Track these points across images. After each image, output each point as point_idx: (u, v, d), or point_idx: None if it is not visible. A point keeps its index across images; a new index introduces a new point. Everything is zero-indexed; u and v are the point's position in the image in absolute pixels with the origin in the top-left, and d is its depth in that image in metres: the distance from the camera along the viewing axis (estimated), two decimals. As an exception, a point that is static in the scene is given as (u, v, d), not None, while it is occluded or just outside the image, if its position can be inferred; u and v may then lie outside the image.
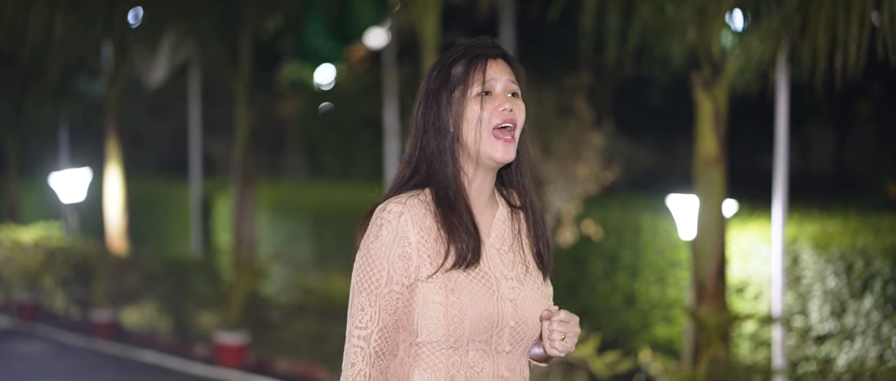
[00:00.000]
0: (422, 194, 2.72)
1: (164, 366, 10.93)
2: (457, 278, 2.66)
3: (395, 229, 2.68)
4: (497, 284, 2.70)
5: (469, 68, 2.73)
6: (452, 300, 2.65)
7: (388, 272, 2.68)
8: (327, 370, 9.99)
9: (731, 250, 8.37)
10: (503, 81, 2.74)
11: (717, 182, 7.69)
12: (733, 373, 7.29)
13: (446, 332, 2.66)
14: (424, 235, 2.68)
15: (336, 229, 12.76)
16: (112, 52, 13.57)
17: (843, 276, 7.67)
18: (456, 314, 2.65)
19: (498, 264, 2.73)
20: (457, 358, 2.69)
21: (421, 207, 2.70)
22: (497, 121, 2.70)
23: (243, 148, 12.23)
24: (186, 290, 11.99)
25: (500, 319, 2.69)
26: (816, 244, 7.89)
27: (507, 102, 2.72)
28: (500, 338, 2.71)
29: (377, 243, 2.70)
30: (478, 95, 2.72)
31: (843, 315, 7.68)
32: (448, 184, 2.71)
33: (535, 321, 2.75)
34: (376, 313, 2.69)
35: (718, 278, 7.73)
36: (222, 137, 17.28)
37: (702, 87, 7.64)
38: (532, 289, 2.76)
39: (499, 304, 2.69)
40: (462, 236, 2.68)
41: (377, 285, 2.69)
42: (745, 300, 8.50)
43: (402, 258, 2.67)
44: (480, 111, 2.70)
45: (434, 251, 2.67)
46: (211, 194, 14.74)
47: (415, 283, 2.68)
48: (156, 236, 15.88)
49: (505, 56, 2.78)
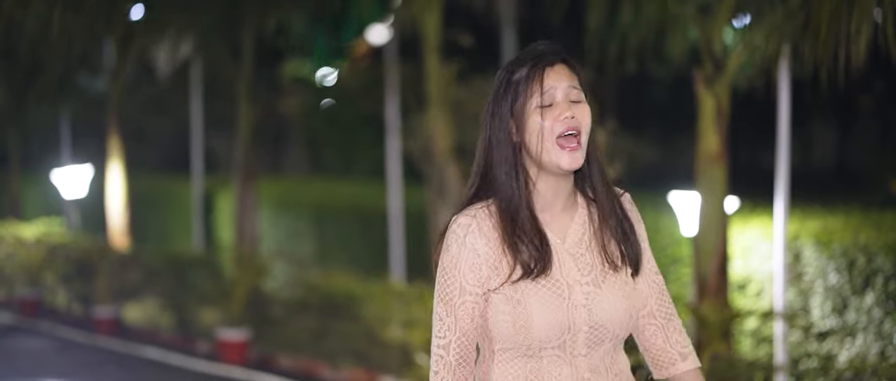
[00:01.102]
0: (490, 205, 2.75)
1: (166, 362, 10.94)
2: (523, 288, 2.69)
3: (463, 241, 2.73)
4: (569, 291, 2.71)
5: (528, 78, 2.72)
6: (519, 311, 2.68)
7: (460, 284, 2.73)
8: (329, 367, 9.99)
9: (732, 246, 8.37)
10: (563, 88, 2.72)
11: (719, 179, 7.69)
12: (735, 370, 7.29)
13: (516, 341, 2.70)
14: (492, 246, 2.71)
15: (337, 226, 12.77)
16: (113, 49, 13.57)
17: (845, 272, 7.67)
18: (523, 325, 2.68)
19: (572, 270, 2.73)
20: (533, 365, 2.72)
21: (489, 219, 2.73)
22: (560, 130, 2.69)
23: (245, 144, 12.23)
24: (188, 286, 11.99)
25: (571, 325, 2.69)
26: (818, 241, 7.89)
27: (568, 110, 2.70)
28: (575, 343, 2.71)
29: (448, 255, 2.75)
30: (538, 107, 2.71)
31: (844, 312, 7.68)
32: (512, 196, 2.73)
33: (616, 322, 2.73)
34: (453, 323, 2.74)
35: (720, 275, 7.73)
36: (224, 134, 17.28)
37: (704, 83, 7.64)
38: (611, 290, 2.74)
39: (570, 311, 2.69)
40: (527, 248, 2.70)
41: (451, 296, 2.74)
42: (746, 297, 8.50)
43: (472, 269, 2.72)
44: (542, 122, 2.70)
45: (501, 263, 2.70)
46: (213, 191, 14.74)
47: (487, 293, 2.72)
48: (158, 232, 15.89)
49: (565, 60, 2.76)
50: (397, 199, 10.80)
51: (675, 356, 2.88)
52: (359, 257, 12.28)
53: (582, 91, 2.76)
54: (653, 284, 2.86)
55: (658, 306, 2.87)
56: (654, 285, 2.86)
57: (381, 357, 9.41)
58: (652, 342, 2.87)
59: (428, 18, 9.77)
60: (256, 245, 12.36)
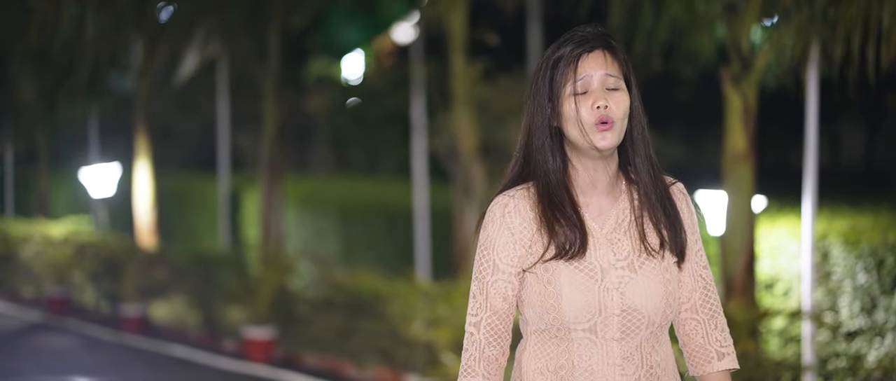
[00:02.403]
0: (529, 187, 2.77)
1: (193, 360, 10.97)
2: (555, 268, 2.70)
3: (500, 220, 2.75)
4: (602, 274, 2.71)
5: (564, 65, 2.73)
6: (549, 290, 2.70)
7: (494, 262, 2.75)
8: (354, 365, 10.00)
9: (760, 246, 8.33)
10: (599, 76, 2.72)
11: (746, 178, 7.65)
12: (762, 369, 7.25)
13: (546, 321, 2.72)
14: (527, 225, 2.73)
15: (363, 224, 12.78)
16: (142, 48, 13.62)
17: (874, 272, 7.62)
18: (553, 304, 2.69)
19: (607, 253, 2.73)
20: (564, 347, 2.73)
21: (527, 200, 2.75)
22: (592, 120, 2.70)
23: (271, 143, 12.25)
24: (215, 285, 12.03)
25: (602, 308, 2.69)
26: (846, 240, 7.85)
27: (601, 98, 2.70)
28: (608, 327, 2.70)
29: (484, 234, 2.78)
30: (572, 94, 2.71)
31: (873, 311, 7.63)
32: (549, 179, 2.74)
33: (650, 308, 2.72)
34: (484, 301, 2.77)
35: (747, 274, 7.69)
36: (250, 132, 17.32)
37: (731, 82, 7.60)
38: (648, 276, 2.72)
39: (600, 294, 2.69)
40: (563, 230, 2.71)
41: (484, 274, 2.77)
42: (774, 296, 8.46)
43: (506, 247, 2.74)
44: (576, 110, 2.70)
45: (536, 242, 2.72)
46: (239, 189, 14.78)
47: (522, 273, 2.75)
48: (184, 230, 15.94)
49: (606, 46, 2.75)
50: (423, 197, 10.80)
51: (712, 355, 2.86)
52: (384, 255, 12.28)
53: (622, 78, 2.75)
54: (699, 278, 2.84)
55: (702, 302, 2.85)
56: (700, 280, 2.84)
57: (406, 356, 9.41)
58: (691, 338, 2.86)
59: (454, 17, 9.76)
60: (282, 244, 12.38)
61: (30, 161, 18.18)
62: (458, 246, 9.93)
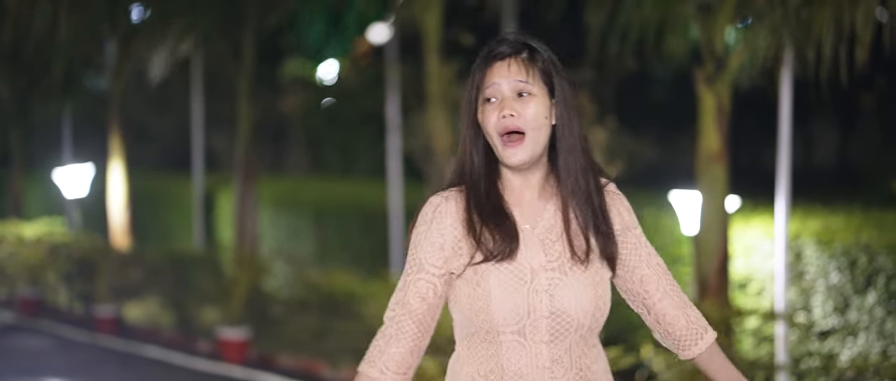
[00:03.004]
0: (461, 190, 2.78)
1: (167, 361, 10.93)
2: (485, 270, 2.70)
3: (430, 220, 2.76)
4: (532, 276, 2.71)
5: (476, 73, 2.77)
6: (478, 293, 2.69)
7: (419, 261, 2.76)
8: (329, 366, 9.99)
9: (733, 245, 8.36)
10: (510, 83, 2.72)
11: (720, 178, 7.68)
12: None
13: (475, 324, 2.71)
14: (457, 227, 2.74)
15: (338, 225, 12.76)
16: (115, 48, 13.56)
17: (847, 272, 7.66)
18: (481, 307, 2.69)
19: (538, 256, 2.73)
20: (493, 350, 2.72)
21: (460, 201, 2.76)
22: (499, 129, 2.71)
23: (245, 143, 12.22)
24: (189, 285, 11.99)
25: (531, 310, 2.69)
26: (820, 240, 7.88)
27: (508, 107, 2.70)
28: (536, 329, 2.70)
29: (415, 232, 2.79)
30: (483, 103, 2.74)
31: (846, 311, 7.67)
32: (478, 182, 2.76)
33: (580, 311, 2.72)
34: (403, 297, 2.79)
35: (721, 274, 7.72)
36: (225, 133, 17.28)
37: (705, 82, 7.63)
38: (579, 280, 2.72)
39: (529, 296, 2.69)
40: (493, 233, 2.71)
41: (409, 271, 2.79)
42: (747, 296, 8.49)
43: (433, 248, 2.74)
44: (484, 120, 2.73)
45: (465, 245, 2.73)
46: (213, 190, 14.74)
47: (450, 275, 2.75)
48: (158, 231, 15.88)
49: (521, 53, 2.75)
50: (398, 198, 10.79)
51: (700, 331, 2.89)
52: (359, 256, 12.27)
53: (539, 85, 2.73)
54: (657, 266, 2.87)
55: (670, 287, 2.88)
56: (658, 267, 2.87)
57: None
58: (674, 324, 2.87)
59: (428, 17, 9.76)
60: (257, 244, 12.35)
61: (3, 162, 18.07)
62: None
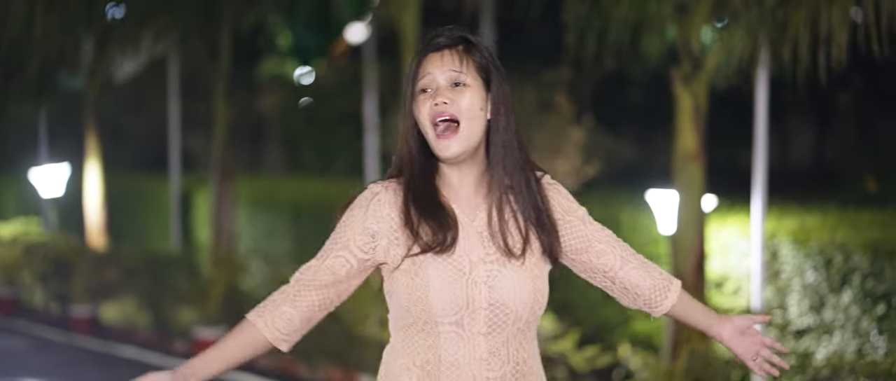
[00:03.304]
0: (401, 181, 2.80)
1: (144, 361, 10.89)
2: (423, 261, 2.71)
3: (368, 204, 2.77)
4: (470, 267, 2.71)
5: (412, 65, 2.78)
6: (417, 283, 2.70)
7: (345, 241, 2.79)
8: (307, 366, 9.97)
9: (710, 244, 8.39)
10: (445, 74, 2.73)
11: (697, 177, 7.70)
12: (712, 368, 7.30)
13: (413, 314, 2.71)
14: (394, 218, 2.75)
15: (315, 224, 12.73)
16: (91, 48, 13.50)
17: (823, 270, 7.69)
18: (420, 296, 2.69)
19: (477, 248, 2.74)
20: (430, 341, 2.73)
21: (399, 192, 2.77)
22: (432, 115, 2.72)
23: (222, 143, 12.19)
24: (165, 285, 11.95)
25: (469, 301, 2.70)
26: (795, 239, 7.91)
27: (440, 96, 2.71)
28: (474, 321, 2.71)
29: (349, 213, 2.81)
30: (417, 93, 2.76)
31: (821, 310, 7.70)
32: (415, 174, 2.77)
33: (518, 303, 2.74)
34: (317, 266, 2.82)
35: (698, 273, 7.74)
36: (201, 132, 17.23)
37: (681, 82, 7.65)
38: (518, 273, 2.74)
39: (468, 287, 2.70)
40: (431, 224, 2.72)
41: (330, 247, 2.82)
42: (724, 295, 8.52)
43: (364, 232, 2.77)
44: (417, 110, 2.75)
45: (402, 236, 2.73)
46: (190, 189, 14.69)
47: (386, 266, 2.76)
48: (135, 231, 15.82)
49: (455, 46, 2.76)
50: (376, 197, 10.76)
51: (666, 285, 2.94)
52: (337, 255, 12.24)
53: (475, 76, 2.74)
54: (608, 238, 2.92)
55: (625, 252, 2.92)
56: (610, 238, 2.92)
57: (358, 356, 9.39)
58: (640, 285, 2.92)
59: (406, 17, 9.75)
60: (234, 244, 12.32)
61: (-22, 162, 17.98)
62: None
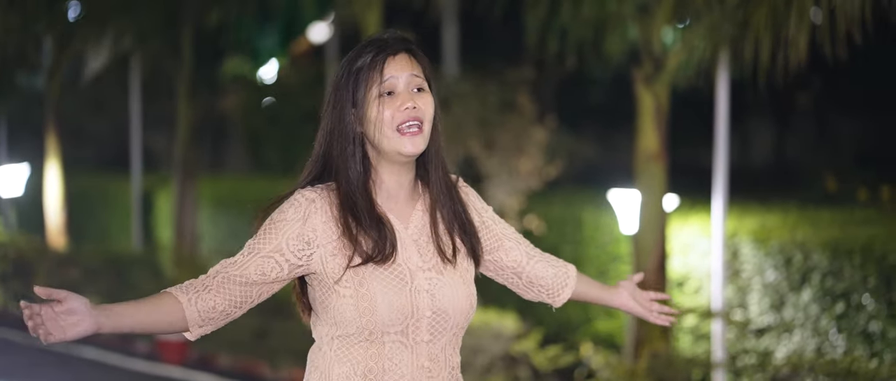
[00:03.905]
0: (332, 188, 2.75)
1: (105, 362, 10.83)
2: (365, 272, 2.69)
3: (304, 211, 2.71)
4: (411, 276, 2.72)
5: (368, 67, 2.72)
6: (362, 294, 2.68)
7: (278, 243, 2.70)
8: (269, 366, 9.95)
9: (671, 244, 8.44)
10: (405, 78, 2.73)
11: (658, 177, 7.74)
12: (674, 366, 7.35)
13: (358, 325, 2.69)
14: (331, 226, 2.70)
15: (279, 224, 12.70)
16: (52, 47, 13.42)
17: (782, 269, 7.75)
18: (367, 307, 2.68)
19: (414, 256, 2.75)
20: (374, 350, 2.72)
21: (333, 200, 2.72)
22: (401, 120, 2.70)
23: (185, 143, 12.14)
24: (127, 285, 11.89)
25: (414, 310, 2.71)
26: (756, 238, 7.97)
27: (409, 100, 2.71)
28: (418, 329, 2.72)
29: (281, 215, 2.72)
30: (379, 96, 2.71)
31: (781, 308, 7.76)
32: (351, 185, 2.73)
33: (458, 309, 2.76)
34: (243, 263, 2.74)
35: (659, 273, 7.79)
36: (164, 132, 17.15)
37: (643, 82, 7.69)
38: (453, 279, 2.77)
39: (412, 296, 2.70)
40: (368, 236, 2.70)
41: (260, 246, 2.72)
42: (685, 294, 8.57)
43: (299, 239, 2.70)
44: (382, 111, 2.70)
45: (341, 246, 2.70)
46: (152, 189, 14.63)
47: (323, 278, 2.71)
48: (97, 231, 15.74)
49: (408, 50, 2.76)
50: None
51: (565, 271, 3.06)
52: (300, 255, 12.22)
53: (426, 81, 2.77)
54: (513, 235, 3.00)
55: (528, 247, 3.04)
56: (514, 233, 3.01)
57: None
58: (543, 276, 3.02)
59: (369, 16, 9.75)
60: (196, 244, 12.27)
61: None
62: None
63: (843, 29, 6.02)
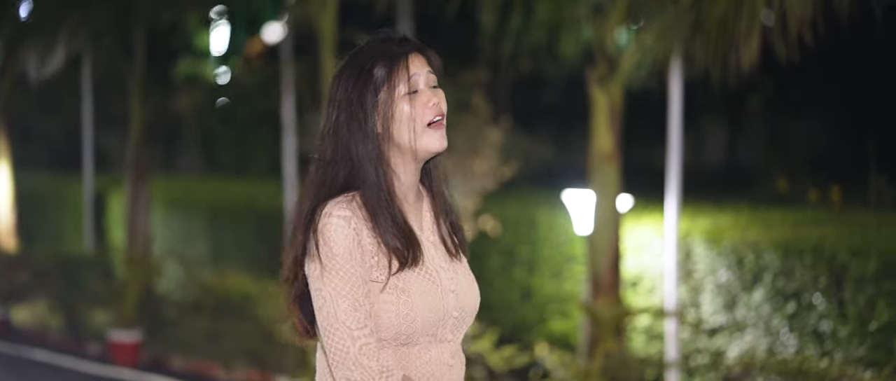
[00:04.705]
0: (354, 197, 2.70)
1: (56, 365, 10.75)
2: (406, 278, 2.69)
3: (347, 233, 2.65)
4: (438, 276, 2.74)
5: (391, 69, 2.72)
6: (404, 300, 2.67)
7: (360, 274, 2.66)
8: (223, 367, 9.90)
9: (625, 244, 8.47)
10: (424, 75, 2.76)
11: (612, 177, 7.78)
12: (627, 366, 7.38)
13: (397, 331, 2.68)
14: (369, 239, 2.68)
15: (232, 226, 12.65)
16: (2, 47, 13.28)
17: (735, 269, 7.80)
18: (407, 314, 2.67)
19: (435, 257, 2.77)
20: (404, 351, 2.71)
21: (358, 210, 2.69)
22: (429, 116, 2.73)
23: (137, 143, 12.06)
24: (79, 287, 11.79)
25: (445, 312, 2.73)
26: (709, 238, 8.02)
27: (433, 96, 2.75)
28: (445, 328, 2.74)
29: (337, 247, 2.65)
30: (405, 95, 2.72)
31: (734, 308, 7.81)
32: (379, 188, 2.71)
33: (472, 307, 2.79)
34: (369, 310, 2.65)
35: (613, 273, 7.82)
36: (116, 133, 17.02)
37: (597, 83, 7.72)
38: (465, 275, 2.81)
39: (443, 296, 2.72)
40: (401, 240, 2.69)
41: (356, 285, 2.65)
42: (639, 294, 8.60)
43: (361, 259, 2.66)
44: (411, 110, 2.71)
45: (380, 255, 2.68)
46: (104, 190, 14.52)
47: (371, 284, 2.69)
48: (49, 232, 15.60)
49: (420, 48, 2.80)
50: (293, 198, 10.73)
51: None
52: (254, 256, 12.18)
53: (437, 77, 2.81)
54: None
55: None
56: None
57: (276, 357, 9.35)
58: None
59: (323, 16, 9.71)
60: (149, 245, 12.20)
61: None
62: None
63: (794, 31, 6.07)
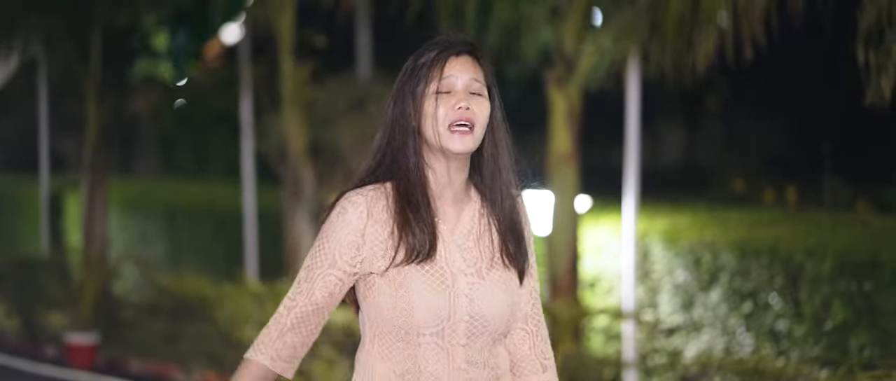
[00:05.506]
0: (384, 186, 2.76)
1: (12, 367, 10.67)
2: (407, 272, 2.70)
3: (350, 217, 2.73)
4: (452, 279, 2.72)
5: (430, 65, 2.75)
6: (401, 294, 2.69)
7: (333, 257, 2.74)
8: (180, 370, 9.86)
9: (583, 245, 8.50)
10: (464, 80, 2.75)
11: (571, 178, 7.81)
12: (585, 366, 7.41)
13: (395, 324, 2.71)
14: (379, 227, 2.72)
15: (190, 227, 12.60)
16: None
17: (692, 269, 7.85)
18: (404, 308, 2.69)
19: (457, 260, 2.75)
20: (410, 351, 2.73)
21: (381, 199, 2.74)
22: (452, 119, 2.72)
23: (94, 145, 11.98)
24: (34, 289, 11.70)
25: (452, 313, 2.71)
26: (666, 239, 8.06)
27: (464, 100, 2.73)
28: (455, 332, 2.73)
29: (330, 227, 2.75)
30: (435, 93, 2.73)
31: (691, 308, 7.86)
32: (409, 177, 2.74)
33: (496, 316, 2.75)
34: (309, 289, 2.76)
35: (571, 274, 7.85)
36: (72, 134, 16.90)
37: (555, 84, 7.74)
38: (494, 285, 2.76)
39: (451, 299, 2.71)
40: (415, 231, 2.71)
41: (320, 265, 2.75)
42: (596, 295, 8.64)
43: (350, 246, 2.73)
44: (436, 108, 2.72)
45: (387, 245, 2.71)
46: (61, 192, 14.41)
47: (369, 275, 2.73)
48: (5, 234, 15.47)
49: (472, 52, 2.79)
50: (251, 199, 10.71)
51: (537, 366, 2.90)
52: (213, 258, 12.13)
53: (485, 86, 2.79)
54: (532, 290, 2.89)
55: (532, 314, 2.89)
56: (532, 292, 2.89)
57: (235, 359, 9.31)
58: (518, 347, 2.88)
59: (282, 18, 9.70)
60: (106, 247, 12.11)
61: None
62: (288, 247, 9.88)
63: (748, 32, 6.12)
